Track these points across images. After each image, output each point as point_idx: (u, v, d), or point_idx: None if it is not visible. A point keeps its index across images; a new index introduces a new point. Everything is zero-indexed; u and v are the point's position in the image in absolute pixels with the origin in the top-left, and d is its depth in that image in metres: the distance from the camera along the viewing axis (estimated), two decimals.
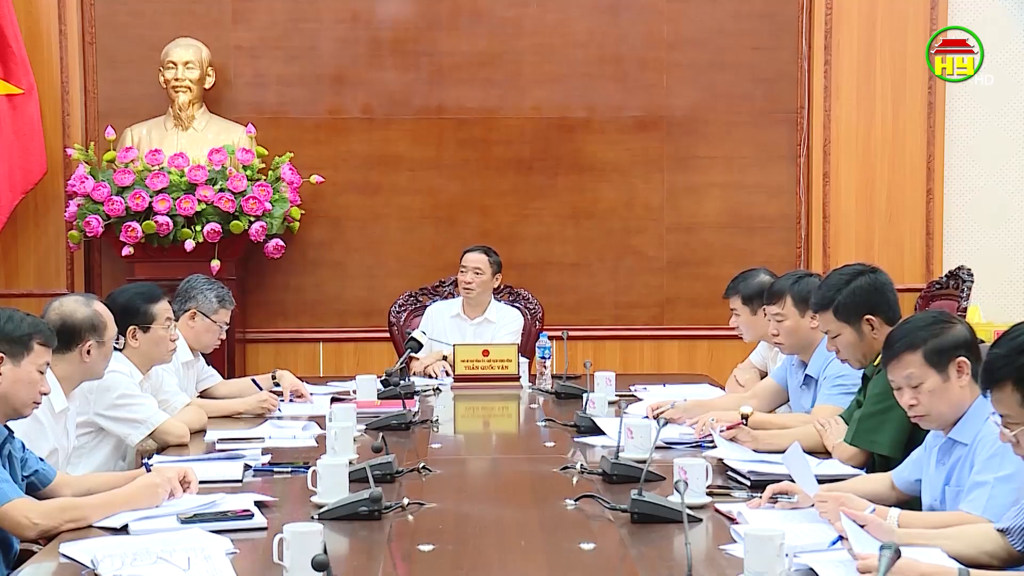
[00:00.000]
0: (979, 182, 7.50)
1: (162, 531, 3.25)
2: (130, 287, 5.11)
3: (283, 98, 7.53)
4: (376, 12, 7.50)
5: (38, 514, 3.39)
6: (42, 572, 3.03)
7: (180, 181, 6.90)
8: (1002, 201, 7.50)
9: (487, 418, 5.59)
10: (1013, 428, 2.82)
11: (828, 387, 4.62)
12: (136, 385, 4.66)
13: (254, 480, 3.90)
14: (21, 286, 7.26)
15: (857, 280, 4.21)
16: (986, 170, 7.50)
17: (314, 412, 5.13)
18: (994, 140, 7.49)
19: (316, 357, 7.44)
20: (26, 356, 3.61)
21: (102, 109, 7.45)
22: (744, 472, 3.84)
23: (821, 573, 2.81)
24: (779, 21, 7.48)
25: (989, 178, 7.50)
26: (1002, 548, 2.97)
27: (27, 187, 7.15)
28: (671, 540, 3.14)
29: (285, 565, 2.80)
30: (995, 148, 7.49)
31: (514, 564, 3.06)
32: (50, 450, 4.03)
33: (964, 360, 3.35)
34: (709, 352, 7.27)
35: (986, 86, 7.46)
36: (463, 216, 7.54)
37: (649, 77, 7.54)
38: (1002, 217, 7.50)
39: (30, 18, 7.27)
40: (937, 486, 3.46)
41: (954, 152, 7.46)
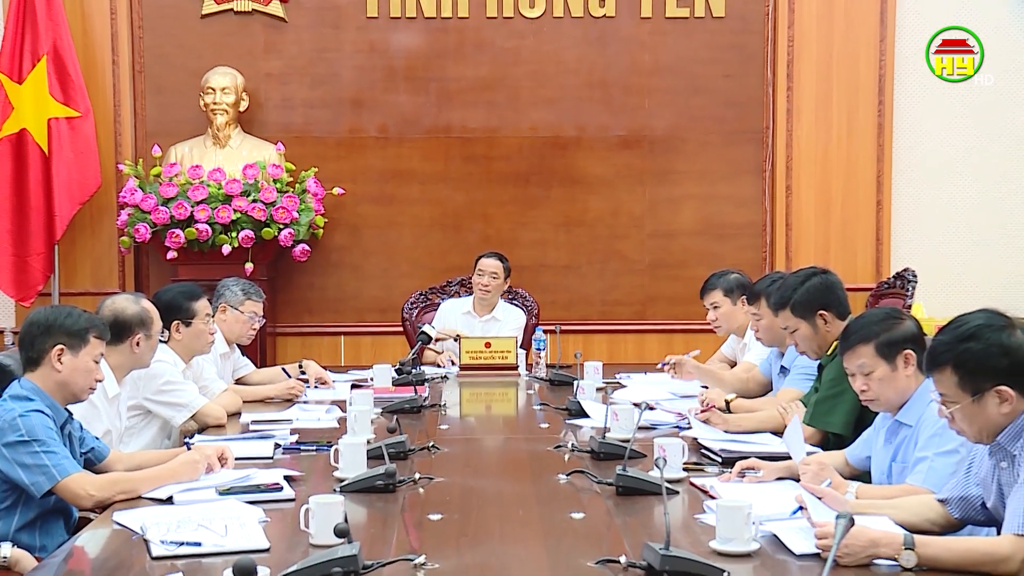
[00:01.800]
0: (923, 194, 7.51)
1: (202, 502, 3.27)
2: (174, 287, 5.11)
3: (308, 119, 7.52)
4: (390, 43, 7.50)
5: (94, 487, 3.41)
6: (97, 538, 3.05)
7: (218, 193, 6.91)
8: (943, 211, 7.50)
9: (489, 403, 5.60)
10: (950, 406, 2.85)
11: (794, 374, 4.67)
12: (179, 373, 4.68)
13: (283, 457, 3.91)
14: (79, 286, 7.26)
15: (810, 281, 4.25)
16: (929, 184, 7.50)
17: (336, 397, 5.13)
18: (937, 157, 7.49)
19: (338, 348, 7.43)
20: (83, 348, 3.62)
21: (149, 129, 7.44)
22: (716, 450, 3.86)
23: (784, 539, 2.83)
24: (747, 52, 7.48)
25: (932, 191, 7.51)
26: (942, 516, 3.01)
27: (83, 198, 7.16)
28: (651, 510, 3.15)
29: (311, 532, 2.82)
30: (938, 165, 7.49)
31: (513, 531, 3.07)
32: (104, 430, 4.04)
33: (910, 352, 3.38)
34: (685, 344, 7.19)
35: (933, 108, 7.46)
36: (468, 224, 7.54)
37: (632, 101, 7.54)
38: (943, 225, 7.51)
39: (87, 49, 7.28)
40: (884, 462, 3.49)
41: (901, 167, 7.47)
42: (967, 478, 2.99)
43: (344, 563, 2.54)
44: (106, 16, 7.34)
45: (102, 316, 4.00)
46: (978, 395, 2.79)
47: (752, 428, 4.25)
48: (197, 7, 7.44)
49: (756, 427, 4.27)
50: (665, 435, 3.98)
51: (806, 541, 2.77)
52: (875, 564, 2.66)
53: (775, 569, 2.69)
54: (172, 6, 7.44)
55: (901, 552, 2.65)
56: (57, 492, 3.41)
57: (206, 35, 7.44)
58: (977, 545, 2.74)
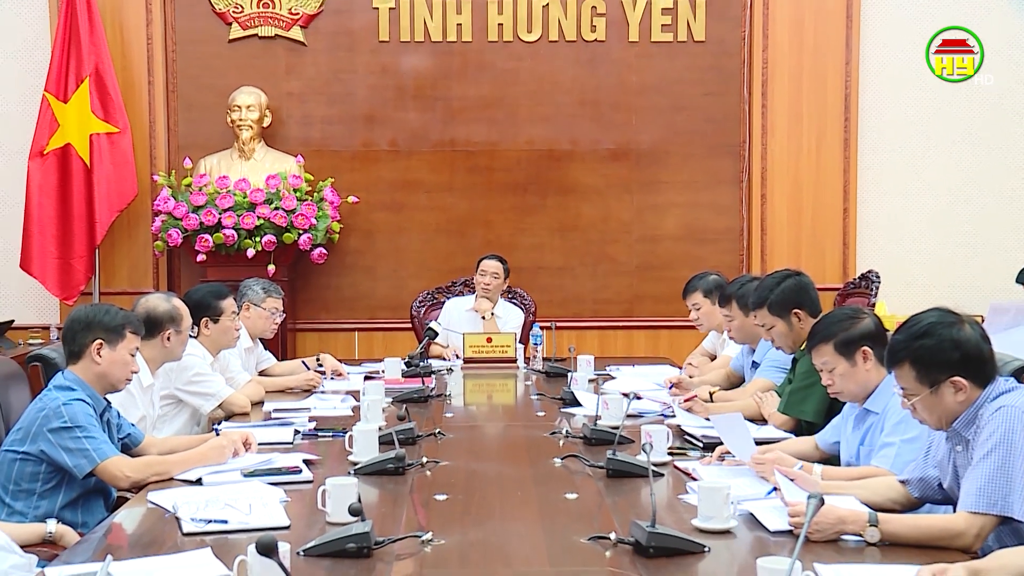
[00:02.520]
0: (885, 202, 7.50)
1: (229, 483, 3.28)
2: (203, 287, 5.11)
3: (325, 134, 7.52)
4: (400, 65, 7.49)
5: (130, 469, 3.43)
6: (134, 515, 3.05)
7: (243, 201, 6.90)
8: (904, 217, 7.50)
9: (490, 393, 5.60)
10: (911, 398, 2.85)
11: (765, 366, 4.68)
12: (208, 366, 4.68)
13: (302, 442, 3.92)
14: (116, 286, 7.25)
15: (785, 282, 4.25)
16: (891, 192, 7.50)
17: (350, 387, 5.13)
18: (898, 168, 7.49)
19: (352, 343, 7.42)
20: (120, 342, 3.63)
21: (181, 143, 7.44)
22: (698, 436, 3.86)
23: (759, 517, 2.83)
24: (725, 73, 7.47)
25: (893, 198, 7.50)
26: (903, 496, 3.01)
27: (121, 206, 7.16)
28: (639, 491, 3.15)
29: (327, 511, 2.83)
30: (898, 175, 7.49)
31: (512, 510, 3.07)
32: (139, 417, 4.05)
33: (868, 349, 3.39)
34: (669, 339, 7.26)
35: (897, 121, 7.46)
36: (470, 229, 7.53)
37: (621, 117, 7.53)
38: (904, 230, 7.50)
39: (125, 71, 7.28)
40: (853, 446, 3.49)
41: (866, 177, 7.47)
42: (925, 461, 3.00)
43: (358, 539, 2.55)
44: (143, 41, 7.35)
45: (137, 313, 4.00)
46: (935, 387, 2.80)
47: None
48: (225, 33, 7.44)
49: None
50: (651, 422, 3.98)
51: (780, 519, 2.78)
52: (843, 539, 2.67)
53: (751, 545, 2.69)
54: (202, 32, 7.44)
55: (866, 528, 2.66)
56: (97, 474, 3.42)
57: (233, 58, 7.44)
58: (934, 522, 2.75)
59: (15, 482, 3.43)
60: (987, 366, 2.83)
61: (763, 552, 2.51)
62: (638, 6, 7.45)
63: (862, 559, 2.56)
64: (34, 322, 7.28)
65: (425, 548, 2.63)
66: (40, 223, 7.08)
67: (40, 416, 3.45)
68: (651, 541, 2.53)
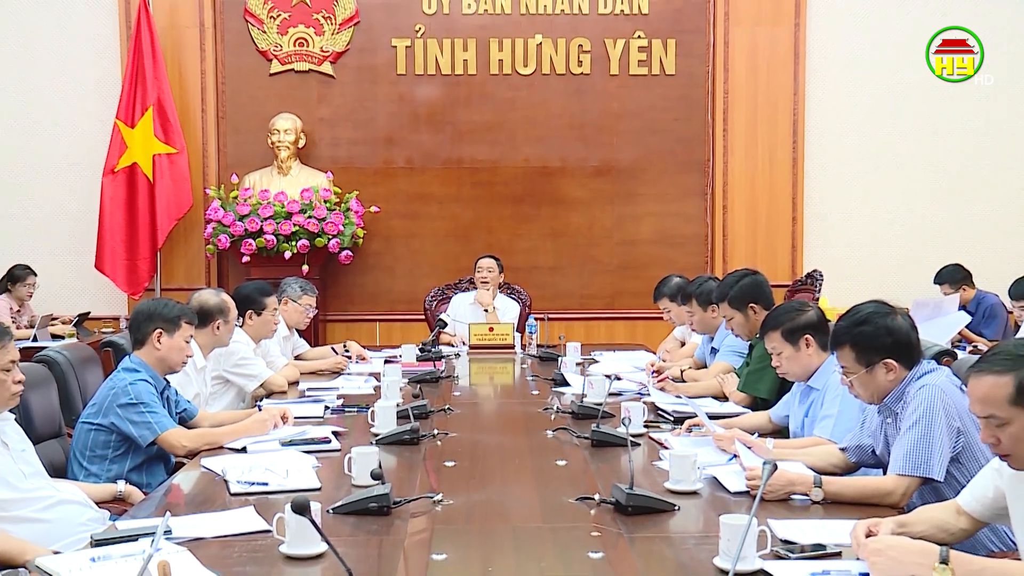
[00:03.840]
0: (828, 211, 7.52)
1: (269, 451, 3.27)
2: (250, 284, 5.12)
3: (351, 153, 7.50)
4: (415, 94, 7.48)
5: (186, 439, 3.43)
6: (189, 478, 3.05)
7: (281, 211, 6.91)
8: (844, 225, 7.52)
9: (492, 374, 5.59)
10: (849, 376, 2.86)
11: (724, 351, 4.67)
12: (251, 351, 4.68)
13: (331, 416, 3.91)
14: (174, 283, 7.26)
15: (743, 280, 4.26)
16: (833, 203, 7.51)
17: (372, 370, 5.13)
18: (839, 183, 7.50)
19: (374, 332, 7.41)
20: (177, 331, 3.63)
21: (229, 161, 7.43)
22: (670, 411, 3.86)
23: (722, 480, 2.83)
24: (692, 102, 7.47)
25: (835, 208, 7.52)
26: (842, 461, 3.02)
27: (179, 216, 7.19)
28: (619, 458, 3.14)
29: (352, 475, 2.82)
30: (839, 189, 7.51)
31: (511, 475, 3.07)
32: (194, 395, 4.05)
33: (810, 336, 3.40)
34: (645, 329, 7.25)
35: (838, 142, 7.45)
36: (475, 235, 7.52)
37: (603, 138, 7.52)
38: (844, 236, 7.52)
39: (182, 100, 7.30)
40: (799, 418, 3.49)
41: (811, 191, 7.48)
42: (861, 431, 3.01)
43: (379, 499, 2.54)
44: (197, 75, 7.37)
45: (191, 306, 4.00)
46: (871, 367, 2.81)
47: (697, 393, 4.25)
48: (266, 68, 7.43)
49: (700, 392, 4.27)
50: (629, 400, 3.99)
51: (739, 481, 2.78)
52: (792, 498, 2.67)
53: (715, 503, 2.68)
54: (247, 67, 7.43)
55: (812, 489, 2.66)
56: (158, 443, 3.42)
57: (273, 89, 7.43)
58: (868, 483, 2.74)
59: (90, 449, 3.43)
60: (914, 350, 2.84)
61: (725, 510, 2.51)
62: (618, 44, 7.44)
63: (808, 515, 2.55)
64: (106, 313, 7.31)
65: (436, 507, 2.62)
66: (111, 230, 7.13)
67: (110, 394, 3.46)
68: (629, 501, 2.53)
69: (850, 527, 2.26)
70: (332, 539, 2.05)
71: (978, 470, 2.45)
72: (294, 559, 2.21)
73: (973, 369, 2.19)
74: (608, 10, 7.43)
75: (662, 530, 2.47)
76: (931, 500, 2.61)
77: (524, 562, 2.29)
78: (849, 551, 2.20)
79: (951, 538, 2.33)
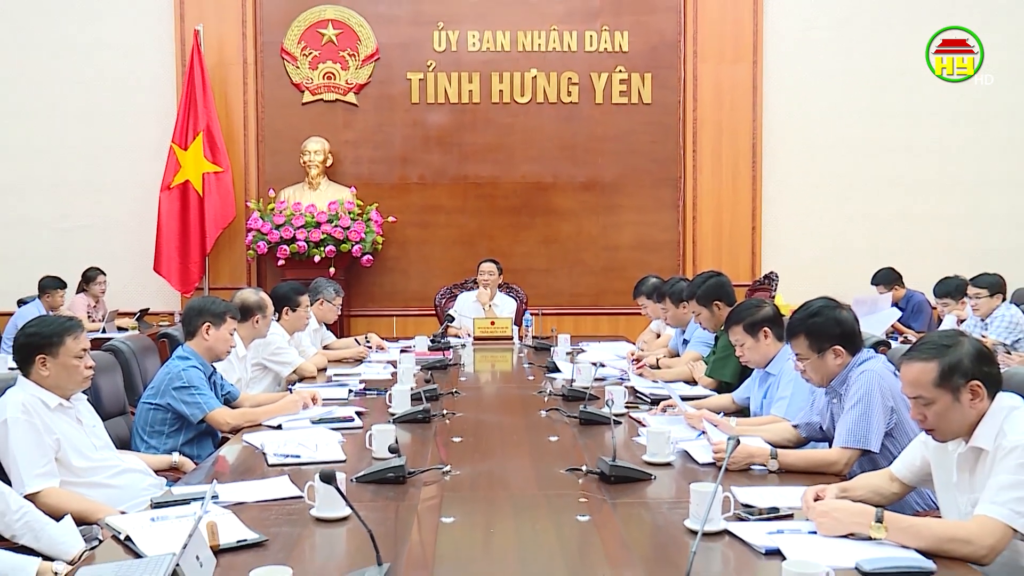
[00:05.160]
0: (782, 221, 7.50)
1: (301, 428, 3.28)
2: (284, 284, 5.09)
3: (372, 171, 7.48)
4: (427, 120, 7.46)
5: (230, 417, 3.43)
6: (233, 451, 3.05)
7: (311, 221, 6.89)
8: (796, 233, 7.50)
9: (493, 362, 5.57)
10: (803, 362, 2.86)
11: (694, 342, 4.66)
12: (286, 342, 4.67)
13: (354, 398, 3.90)
14: (220, 283, 7.23)
15: (709, 280, 4.24)
16: (788, 214, 7.50)
17: (390, 358, 5.11)
18: (793, 197, 7.49)
19: (391, 325, 7.39)
20: (222, 324, 3.63)
21: (267, 178, 7.41)
22: (647, 394, 3.85)
23: (692, 453, 2.83)
24: (666, 126, 7.45)
25: (790, 219, 7.50)
26: (795, 436, 3.02)
27: (224, 225, 7.18)
28: (603, 435, 3.13)
29: (373, 449, 2.82)
30: (793, 202, 7.50)
31: (510, 449, 3.06)
32: (236, 379, 4.05)
33: (768, 329, 3.39)
34: (626, 322, 7.24)
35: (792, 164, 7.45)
36: (478, 241, 7.49)
37: (590, 158, 7.50)
38: (796, 242, 7.49)
39: (228, 126, 7.28)
40: (758, 400, 3.49)
41: (768, 204, 7.46)
42: (811, 410, 3.00)
43: (395, 470, 2.54)
44: (240, 105, 7.35)
45: (234, 303, 4.01)
46: (822, 353, 2.81)
47: (670, 378, 4.25)
48: (299, 98, 7.42)
49: (673, 377, 4.28)
50: (612, 384, 3.98)
51: (707, 454, 2.78)
52: (752, 468, 2.67)
53: (686, 473, 2.68)
54: (283, 97, 7.41)
55: (768, 460, 2.67)
56: (206, 420, 3.42)
57: (305, 116, 7.41)
58: (816, 455, 2.75)
59: (150, 425, 3.44)
60: (858, 339, 2.84)
61: (694, 479, 2.51)
62: (602, 77, 7.43)
63: (766, 483, 2.55)
64: (162, 309, 7.30)
65: (445, 477, 2.62)
66: (167, 237, 7.12)
67: (166, 378, 3.46)
68: (612, 472, 2.53)
69: (801, 493, 2.27)
70: (355, 504, 2.05)
71: (908, 443, 2.46)
72: (322, 521, 2.21)
73: (904, 357, 2.22)
74: (593, 48, 7.43)
75: (640, 496, 2.46)
76: (869, 469, 2.61)
77: (521, 524, 2.29)
78: (800, 513, 2.20)
79: (885, 500, 2.34)
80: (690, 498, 2.18)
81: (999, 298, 5.55)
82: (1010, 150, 7.43)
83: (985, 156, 7.44)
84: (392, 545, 2.03)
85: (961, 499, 2.16)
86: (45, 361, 2.80)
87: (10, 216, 7.34)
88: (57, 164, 7.33)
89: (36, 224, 7.35)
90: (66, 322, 2.89)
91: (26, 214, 7.34)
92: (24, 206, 7.34)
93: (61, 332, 2.83)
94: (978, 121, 7.35)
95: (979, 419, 2.12)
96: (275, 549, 2.04)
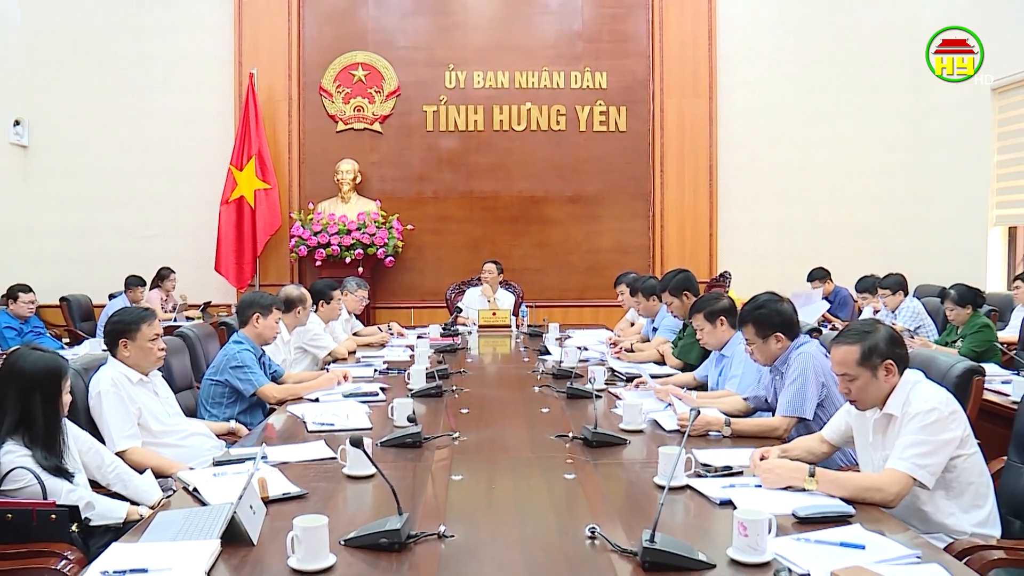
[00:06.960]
0: (735, 229, 7.48)
1: (335, 401, 3.27)
2: (320, 281, 5.09)
3: (394, 187, 7.45)
4: (440, 144, 7.44)
5: (276, 391, 3.42)
6: (279, 420, 3.04)
7: (343, 229, 6.89)
8: (745, 240, 7.48)
9: (495, 347, 5.55)
10: (751, 346, 2.85)
11: (662, 329, 4.64)
12: (322, 330, 4.66)
13: (379, 376, 3.90)
14: (268, 280, 7.21)
15: (679, 275, 4.23)
16: (739, 224, 7.48)
17: (408, 343, 5.10)
18: (743, 210, 7.47)
19: (409, 315, 7.35)
20: (270, 315, 3.63)
21: (307, 193, 7.38)
22: (623, 373, 3.83)
23: (660, 422, 2.82)
24: (638, 151, 7.44)
25: (740, 227, 7.48)
26: (745, 407, 3.02)
27: (271, 233, 7.16)
28: (587, 406, 3.12)
29: (394, 419, 2.81)
30: (743, 214, 7.48)
31: (508, 419, 3.04)
32: (281, 360, 4.04)
33: (724, 317, 3.37)
34: (606, 314, 7.21)
35: (741, 183, 7.43)
36: (483, 246, 7.46)
37: (576, 176, 7.48)
38: (746, 246, 7.47)
39: (275, 149, 7.25)
40: (715, 378, 3.48)
41: (723, 215, 7.44)
42: (758, 386, 3.00)
43: (413, 436, 2.54)
44: (286, 133, 7.33)
45: (280, 297, 4.01)
46: (765, 338, 2.81)
47: (642, 360, 4.24)
48: (333, 127, 7.39)
49: (645, 359, 4.26)
50: (594, 364, 3.96)
51: (672, 422, 2.77)
52: (709, 434, 2.66)
53: (655, 438, 2.67)
54: (320, 127, 7.38)
55: (723, 427, 2.66)
56: (257, 394, 3.42)
57: (339, 142, 7.38)
58: (762, 422, 2.74)
59: (211, 398, 3.44)
60: (796, 327, 2.84)
61: (662, 443, 2.50)
62: (585, 109, 7.42)
63: (720, 446, 2.54)
64: (221, 302, 7.28)
65: (455, 442, 2.61)
66: (225, 243, 7.10)
67: (224, 359, 3.46)
68: (594, 437, 2.52)
69: (749, 453, 2.26)
70: (379, 464, 2.04)
71: (835, 412, 2.47)
72: (352, 478, 2.20)
73: (833, 341, 2.25)
74: (578, 85, 7.42)
75: (617, 458, 2.46)
76: (804, 433, 2.61)
77: (518, 481, 2.28)
78: (748, 470, 2.20)
79: (816, 459, 2.35)
80: (658, 459, 2.17)
81: (901, 294, 5.58)
82: (914, 174, 7.43)
83: (897, 177, 7.45)
84: (410, 498, 2.03)
85: (876, 456, 2.19)
86: (127, 344, 2.83)
87: (103, 227, 7.35)
88: (139, 185, 7.32)
89: (123, 233, 7.35)
90: (143, 312, 2.91)
91: (116, 225, 7.34)
92: (114, 219, 7.34)
93: (138, 320, 2.85)
94: (898, 149, 7.38)
95: (891, 391, 2.14)
96: (314, 500, 2.04)
